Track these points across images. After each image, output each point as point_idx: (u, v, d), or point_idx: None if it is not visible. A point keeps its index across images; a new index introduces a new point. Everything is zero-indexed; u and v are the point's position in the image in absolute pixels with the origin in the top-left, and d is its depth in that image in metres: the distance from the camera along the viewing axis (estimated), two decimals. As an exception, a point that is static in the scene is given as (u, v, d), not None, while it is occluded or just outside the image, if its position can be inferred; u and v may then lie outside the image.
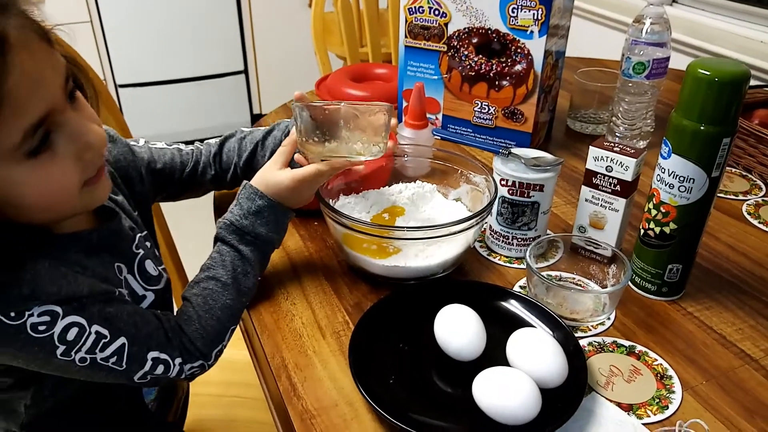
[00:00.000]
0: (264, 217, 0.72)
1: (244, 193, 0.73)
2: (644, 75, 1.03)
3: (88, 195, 0.60)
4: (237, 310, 0.69)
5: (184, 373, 0.66)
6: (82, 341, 0.58)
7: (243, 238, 0.71)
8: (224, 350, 0.69)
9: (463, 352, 0.64)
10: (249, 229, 0.71)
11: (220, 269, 0.70)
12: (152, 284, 0.72)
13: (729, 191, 1.01)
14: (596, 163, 0.78)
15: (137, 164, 0.79)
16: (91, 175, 0.59)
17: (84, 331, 0.58)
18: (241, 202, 0.73)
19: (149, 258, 0.73)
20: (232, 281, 0.69)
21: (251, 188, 0.73)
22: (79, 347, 0.58)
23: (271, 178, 0.73)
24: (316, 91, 1.36)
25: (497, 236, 0.83)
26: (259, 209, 0.72)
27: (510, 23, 1.00)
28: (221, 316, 0.67)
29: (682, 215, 0.71)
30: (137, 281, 0.70)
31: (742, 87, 0.65)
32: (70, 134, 0.55)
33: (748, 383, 0.65)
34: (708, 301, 0.77)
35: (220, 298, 0.68)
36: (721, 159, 0.68)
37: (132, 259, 0.70)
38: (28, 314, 0.55)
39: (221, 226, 0.72)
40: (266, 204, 0.72)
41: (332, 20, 2.34)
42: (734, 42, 1.63)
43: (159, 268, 0.74)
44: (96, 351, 0.59)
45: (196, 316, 0.67)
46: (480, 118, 1.10)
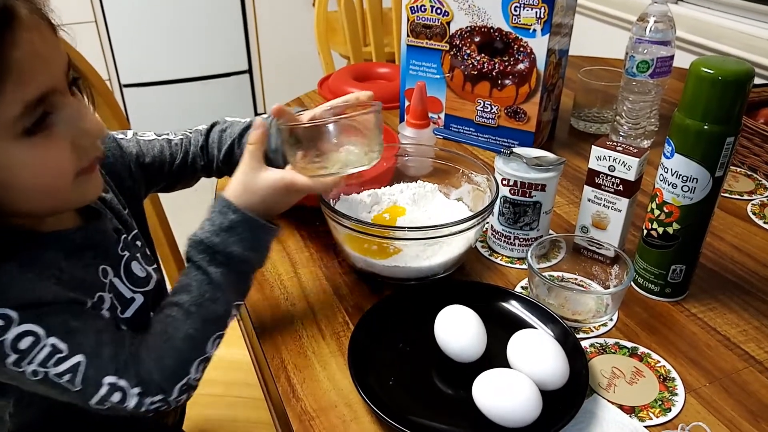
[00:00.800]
0: (238, 234, 0.63)
1: (216, 206, 0.65)
2: (648, 74, 1.03)
3: (81, 187, 0.58)
4: (202, 340, 0.61)
5: (144, 406, 0.59)
6: (36, 352, 0.54)
7: (213, 258, 0.63)
8: (196, 383, 0.62)
9: (464, 353, 0.64)
10: (220, 247, 0.63)
11: (184, 294, 0.62)
12: (140, 286, 0.68)
13: (734, 191, 1.00)
14: (599, 162, 0.78)
15: (125, 160, 0.76)
16: (85, 165, 0.57)
17: (39, 341, 0.54)
18: (213, 217, 0.64)
19: (136, 259, 0.69)
20: (197, 309, 0.61)
21: (223, 200, 0.65)
22: (32, 359, 0.54)
23: (250, 184, 0.66)
24: (319, 90, 1.36)
25: (499, 236, 0.83)
26: (232, 225, 0.63)
27: (512, 22, 0.99)
28: (182, 348, 0.60)
29: (686, 215, 0.70)
30: (124, 284, 0.66)
31: (745, 86, 0.64)
32: (69, 118, 0.54)
33: (752, 386, 0.64)
34: (712, 302, 0.76)
35: (181, 327, 0.60)
36: (725, 159, 0.67)
37: (118, 262, 0.66)
38: None
39: (189, 243, 0.64)
40: (240, 219, 0.64)
41: (336, 19, 2.34)
42: (739, 40, 1.61)
43: (149, 268, 0.70)
44: (49, 365, 0.54)
45: (155, 345, 0.60)
46: (482, 117, 1.10)
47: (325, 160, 0.67)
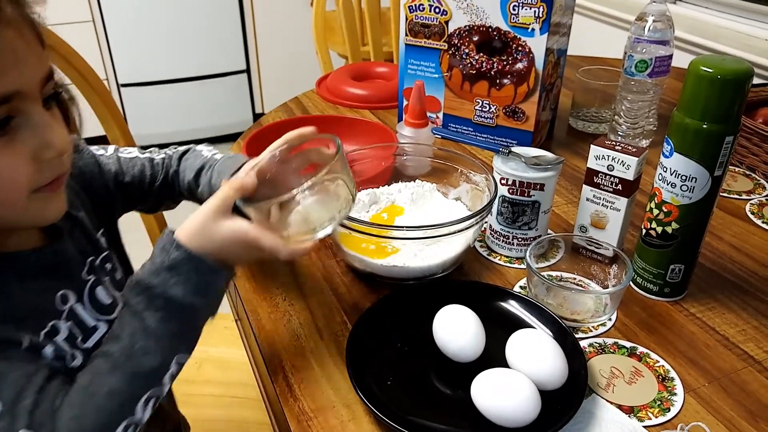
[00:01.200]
0: (181, 274, 0.55)
1: (160, 242, 0.57)
2: (647, 73, 1.03)
3: (38, 206, 0.53)
4: (130, 399, 0.53)
5: None
6: None
7: (151, 303, 0.55)
8: None
9: (462, 353, 0.64)
10: (158, 289, 0.55)
11: (113, 343, 0.54)
12: (105, 313, 0.61)
13: (732, 190, 1.00)
14: (597, 162, 0.78)
15: (104, 177, 0.72)
16: (45, 182, 0.52)
17: None
18: (155, 254, 0.57)
19: (102, 284, 0.63)
20: (125, 360, 0.53)
21: (168, 236, 0.57)
22: None
23: (209, 228, 0.57)
24: (317, 89, 1.36)
25: (497, 236, 0.83)
26: (174, 264, 0.55)
27: (511, 21, 0.99)
28: (105, 406, 0.51)
29: (685, 215, 0.70)
30: (87, 311, 0.60)
31: (744, 85, 0.64)
32: (34, 126, 0.50)
33: (751, 385, 0.64)
34: (711, 301, 0.76)
35: (105, 381, 0.52)
36: (724, 158, 0.67)
37: (82, 286, 0.60)
38: None
39: (127, 284, 0.57)
40: (185, 257, 0.55)
41: (334, 19, 2.34)
42: (738, 40, 1.61)
43: (116, 293, 0.64)
44: None
45: (76, 401, 0.51)
46: (481, 116, 1.09)
47: (304, 222, 0.61)
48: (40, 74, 0.51)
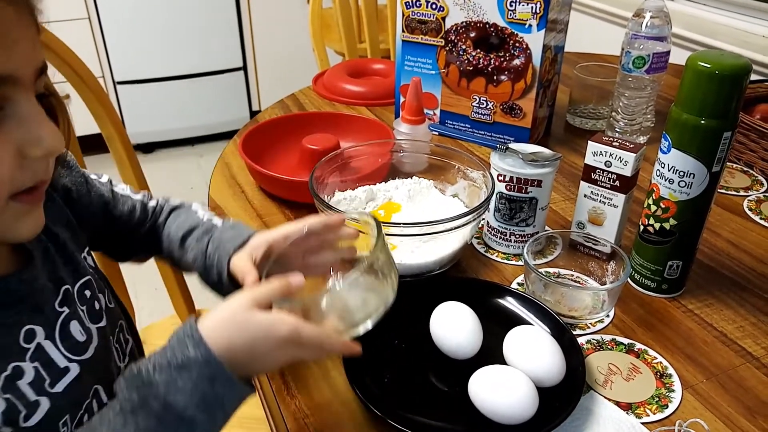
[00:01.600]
0: (191, 380, 0.46)
1: (179, 331, 0.48)
2: (644, 69, 1.02)
3: (12, 216, 0.47)
4: None
5: None
6: None
7: (145, 404, 0.45)
8: None
9: (460, 350, 0.64)
10: (159, 390, 0.45)
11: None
12: (76, 353, 0.53)
13: (730, 187, 1.00)
14: (595, 158, 0.77)
15: (92, 199, 0.66)
16: (26, 185, 0.46)
17: None
18: (170, 343, 0.48)
19: (77, 318, 0.55)
20: None
21: (189, 327, 0.48)
22: None
23: (241, 317, 0.49)
24: (314, 86, 1.35)
25: (495, 233, 0.82)
26: (186, 363, 0.46)
27: (508, 17, 0.99)
28: None
29: (682, 211, 0.70)
30: (58, 349, 0.52)
31: (742, 80, 0.63)
32: (23, 118, 0.45)
33: (749, 382, 0.64)
34: (708, 298, 0.76)
35: None
36: (722, 153, 0.66)
37: (53, 320, 0.53)
38: None
39: (128, 370, 0.47)
40: (202, 359, 0.46)
41: (330, 16, 2.33)
42: (736, 36, 1.61)
43: (93, 327, 0.57)
44: None
45: None
46: (478, 113, 1.09)
47: (342, 317, 0.53)
48: (35, 63, 0.47)
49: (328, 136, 0.98)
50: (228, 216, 0.90)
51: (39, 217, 0.50)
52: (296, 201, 0.92)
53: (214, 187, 0.98)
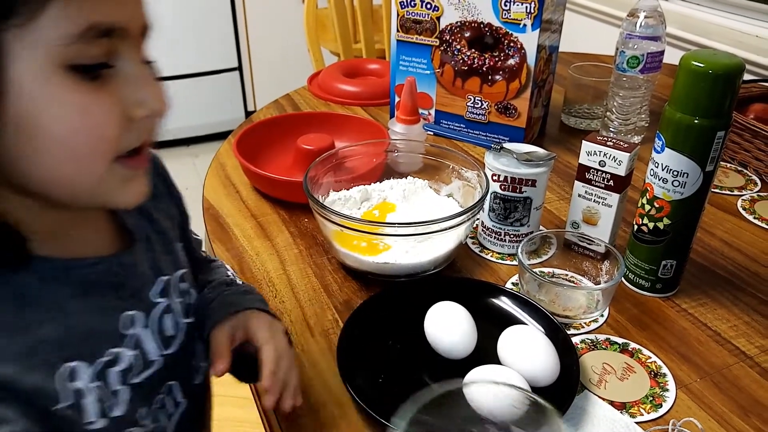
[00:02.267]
0: None
1: None
2: (638, 69, 1.02)
3: (116, 180, 0.44)
4: None
5: None
6: None
7: None
8: None
9: (454, 350, 0.63)
10: None
11: None
12: (165, 347, 0.53)
13: (724, 186, 1.00)
14: (589, 157, 0.77)
15: (178, 195, 0.62)
16: (131, 146, 0.44)
17: None
18: None
19: (172, 312, 0.54)
20: None
21: None
22: None
23: None
24: (309, 86, 1.35)
25: (489, 232, 0.82)
26: None
27: (503, 17, 0.99)
28: None
29: (676, 210, 0.70)
30: (154, 340, 0.52)
31: (736, 79, 0.64)
32: (131, 76, 0.42)
33: (742, 381, 0.64)
34: (702, 297, 0.76)
35: None
36: (716, 153, 0.67)
37: (151, 310, 0.52)
38: None
39: None
40: None
41: (326, 16, 2.33)
42: (730, 36, 1.62)
43: (183, 321, 0.56)
44: None
45: None
46: (473, 113, 1.09)
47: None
48: (142, 19, 0.44)
49: (323, 136, 0.98)
50: (223, 217, 0.90)
51: (143, 184, 0.47)
52: (291, 201, 0.92)
53: (209, 187, 0.98)
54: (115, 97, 0.42)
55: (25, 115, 0.38)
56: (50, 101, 0.39)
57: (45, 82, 0.38)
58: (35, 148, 0.40)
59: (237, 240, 0.85)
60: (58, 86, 0.39)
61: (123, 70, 0.42)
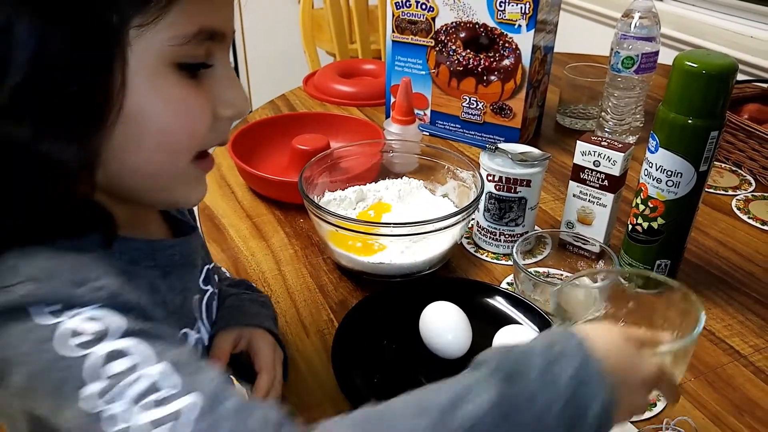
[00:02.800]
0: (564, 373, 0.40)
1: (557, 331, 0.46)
2: (633, 69, 1.03)
3: (193, 179, 0.48)
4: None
5: None
6: (131, 381, 0.36)
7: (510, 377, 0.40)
8: None
9: (449, 349, 0.64)
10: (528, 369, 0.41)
11: None
12: (209, 333, 0.56)
13: (718, 186, 1.00)
14: (584, 157, 0.77)
15: None
16: (212, 145, 0.47)
17: (136, 367, 0.37)
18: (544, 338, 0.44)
19: (215, 299, 0.58)
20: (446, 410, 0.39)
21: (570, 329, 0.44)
22: (122, 391, 0.36)
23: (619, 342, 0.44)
24: (304, 87, 1.35)
25: (484, 232, 0.83)
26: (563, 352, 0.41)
27: (498, 17, 0.99)
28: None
29: (670, 210, 0.70)
30: (204, 326, 0.54)
31: (729, 80, 0.64)
32: (222, 77, 0.45)
33: (736, 380, 0.64)
34: (697, 296, 0.76)
35: None
36: (709, 153, 0.67)
37: (203, 295, 0.55)
38: (70, 314, 0.37)
39: None
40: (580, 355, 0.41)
41: (321, 17, 2.33)
42: (724, 37, 1.62)
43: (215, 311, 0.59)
44: (146, 404, 0.36)
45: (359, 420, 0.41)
46: (468, 113, 1.09)
47: None
48: (232, 26, 0.46)
49: (319, 137, 0.98)
50: (219, 217, 0.90)
51: (206, 185, 0.50)
52: (286, 201, 0.92)
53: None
54: (208, 95, 0.45)
55: (134, 106, 0.41)
56: (156, 94, 0.42)
57: (154, 76, 0.41)
58: (135, 136, 0.42)
59: (232, 240, 0.85)
60: (165, 81, 0.42)
61: (216, 71, 0.45)
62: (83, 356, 0.36)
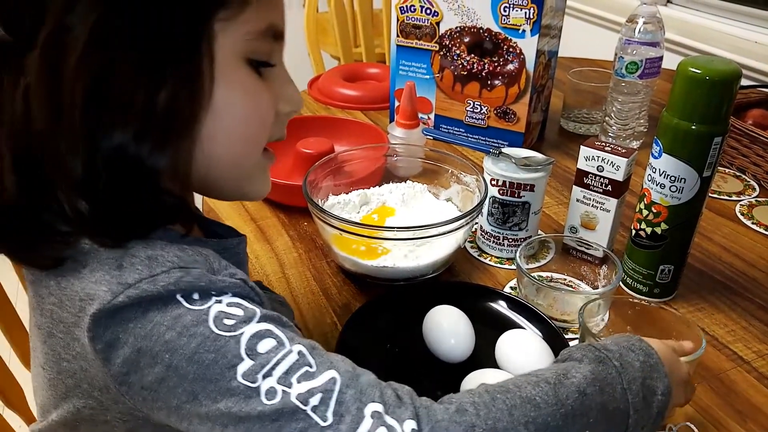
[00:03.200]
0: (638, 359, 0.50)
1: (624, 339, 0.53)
2: (637, 74, 1.03)
3: (260, 170, 0.51)
4: None
5: None
6: (278, 359, 0.39)
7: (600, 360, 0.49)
8: None
9: (452, 353, 0.64)
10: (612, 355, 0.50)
11: None
12: None
13: (722, 192, 1.00)
14: (587, 162, 0.78)
15: None
16: (274, 138, 0.50)
17: (282, 345, 0.40)
18: None
19: None
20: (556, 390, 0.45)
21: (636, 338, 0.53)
22: (271, 369, 0.39)
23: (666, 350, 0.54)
24: (309, 90, 1.35)
25: (488, 236, 0.83)
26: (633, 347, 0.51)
27: (502, 22, 0.99)
28: None
29: (674, 215, 0.70)
30: None
31: (732, 86, 0.64)
32: (281, 75, 0.48)
33: (739, 386, 0.64)
34: (700, 302, 0.76)
35: None
36: (713, 159, 0.67)
37: None
38: (216, 299, 0.40)
39: None
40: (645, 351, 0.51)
41: (326, 20, 2.33)
42: (728, 42, 1.62)
43: None
44: (293, 380, 0.39)
45: None
46: (472, 117, 1.10)
47: None
48: (285, 27, 0.48)
49: (323, 140, 0.99)
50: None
51: (269, 180, 0.53)
52: (290, 205, 0.92)
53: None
54: (271, 91, 0.47)
55: (219, 98, 0.43)
56: (236, 87, 0.44)
57: (234, 69, 0.43)
58: (219, 128, 0.44)
59: (236, 243, 0.85)
60: (242, 74, 0.44)
61: (276, 69, 0.48)
62: (238, 335, 0.39)
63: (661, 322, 0.65)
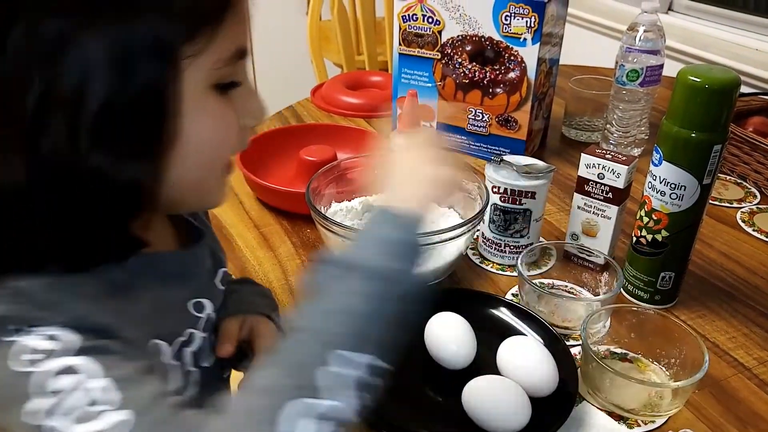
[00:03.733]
0: None
1: None
2: (638, 82, 1.03)
3: (220, 183, 0.51)
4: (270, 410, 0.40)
5: None
6: (73, 397, 0.38)
7: None
8: None
9: (454, 360, 0.64)
10: None
11: None
12: None
13: (723, 199, 1.00)
14: (588, 170, 0.78)
15: None
16: (238, 150, 0.50)
17: (81, 382, 0.38)
18: None
19: None
20: None
21: None
22: (63, 406, 0.37)
23: None
24: (312, 98, 1.36)
25: (489, 244, 0.83)
26: None
27: (503, 31, 1.00)
28: None
29: (674, 223, 0.71)
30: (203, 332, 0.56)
31: (732, 94, 0.65)
32: (247, 91, 0.48)
33: (740, 392, 0.65)
34: (701, 309, 0.76)
35: None
36: (713, 166, 0.67)
37: (218, 297, 0.58)
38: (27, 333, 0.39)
39: None
40: None
41: (329, 28, 2.35)
42: (729, 50, 1.63)
43: None
44: (81, 417, 0.37)
45: None
46: (474, 125, 1.10)
47: None
48: None
49: (326, 148, 0.99)
50: (226, 227, 0.91)
51: (227, 188, 0.53)
52: (293, 212, 0.92)
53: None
54: (236, 107, 0.47)
55: (185, 128, 0.43)
56: (202, 115, 0.44)
57: (202, 99, 0.43)
58: (183, 154, 0.44)
59: (239, 250, 0.86)
60: (208, 102, 0.44)
61: (244, 84, 0.48)
62: (31, 372, 0.38)
63: (662, 329, 0.66)
